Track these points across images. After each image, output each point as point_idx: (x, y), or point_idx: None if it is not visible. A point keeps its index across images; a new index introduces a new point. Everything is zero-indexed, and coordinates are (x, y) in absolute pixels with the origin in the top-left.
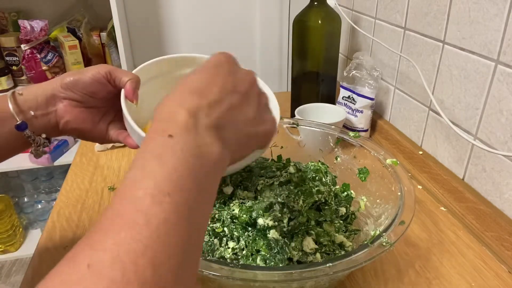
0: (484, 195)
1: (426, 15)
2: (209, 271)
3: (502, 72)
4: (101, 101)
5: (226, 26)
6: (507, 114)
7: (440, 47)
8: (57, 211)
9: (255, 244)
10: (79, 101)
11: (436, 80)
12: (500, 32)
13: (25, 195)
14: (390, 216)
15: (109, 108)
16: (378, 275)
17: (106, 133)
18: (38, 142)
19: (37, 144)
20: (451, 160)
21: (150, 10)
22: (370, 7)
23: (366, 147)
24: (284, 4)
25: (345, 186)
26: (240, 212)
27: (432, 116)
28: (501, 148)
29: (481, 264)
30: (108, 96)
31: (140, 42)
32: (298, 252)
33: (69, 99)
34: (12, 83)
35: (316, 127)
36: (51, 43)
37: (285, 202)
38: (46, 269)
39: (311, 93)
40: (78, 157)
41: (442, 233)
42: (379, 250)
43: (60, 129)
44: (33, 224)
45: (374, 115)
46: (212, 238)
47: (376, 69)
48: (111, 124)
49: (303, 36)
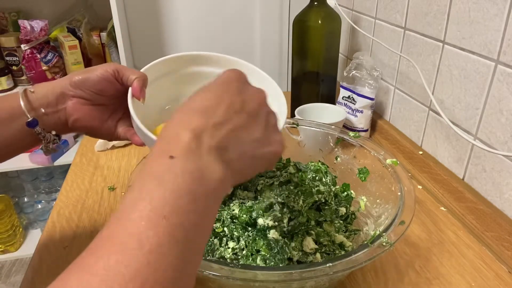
0: (484, 195)
1: (426, 15)
2: (209, 271)
3: (502, 72)
4: (109, 99)
5: (226, 26)
6: (507, 114)
7: (440, 47)
8: (57, 211)
9: (255, 244)
10: (88, 99)
11: (436, 80)
12: (500, 32)
13: (25, 195)
14: (390, 216)
15: (117, 106)
16: (378, 275)
17: (114, 130)
18: (48, 139)
19: (47, 140)
20: (451, 160)
21: (150, 10)
22: (370, 7)
23: (366, 147)
24: (284, 4)
25: (345, 186)
26: (240, 212)
27: (432, 116)
28: (501, 148)
29: (481, 264)
30: (116, 94)
31: (140, 42)
32: (298, 252)
33: (78, 97)
34: (12, 83)
35: (316, 127)
36: (51, 43)
37: (285, 202)
38: (46, 269)
39: (311, 93)
40: (78, 157)
41: (442, 233)
42: (379, 250)
43: (70, 126)
44: (33, 224)
45: (374, 115)
46: (212, 238)
47: (376, 69)
48: (120, 122)
49: (303, 36)
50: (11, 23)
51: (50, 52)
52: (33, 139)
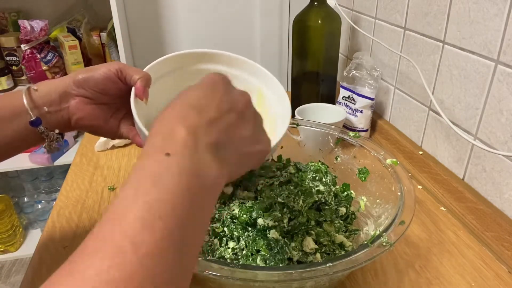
0: (484, 195)
1: (426, 15)
2: (209, 271)
3: (502, 72)
4: (112, 98)
5: (226, 26)
6: (507, 114)
7: (440, 47)
8: (57, 211)
9: (255, 244)
10: (91, 98)
11: (436, 80)
12: (500, 32)
13: (25, 195)
14: (390, 216)
15: (120, 105)
16: (378, 275)
17: (117, 129)
18: (52, 138)
19: (50, 139)
20: (451, 160)
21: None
22: (370, 7)
23: (366, 147)
24: (284, 4)
25: (345, 186)
26: (240, 212)
27: (432, 116)
28: (501, 148)
29: (481, 264)
30: (119, 93)
31: (140, 42)
32: (298, 252)
33: (81, 96)
34: (12, 83)
35: (316, 127)
36: (51, 43)
37: (285, 202)
38: (46, 269)
39: (311, 93)
40: (78, 157)
41: (442, 233)
42: (379, 250)
43: (72, 125)
44: (33, 224)
45: (374, 115)
46: (212, 238)
47: (376, 69)
48: (123, 121)
49: (303, 36)
50: (11, 23)
51: (50, 52)
52: (36, 137)
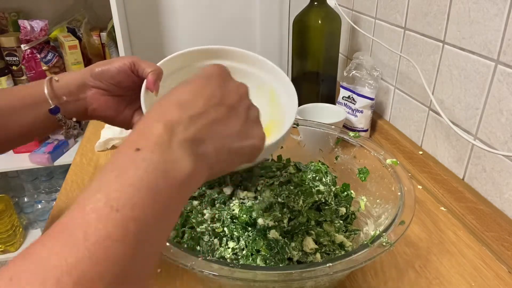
0: (484, 195)
1: (426, 15)
2: (209, 271)
3: (502, 72)
4: (127, 90)
5: (226, 26)
6: (507, 114)
7: (440, 47)
8: (57, 211)
9: (255, 244)
10: (106, 90)
11: (436, 80)
12: (500, 32)
13: (25, 195)
14: (390, 216)
15: (134, 97)
16: (378, 275)
17: (130, 120)
18: (69, 125)
19: (68, 126)
20: (451, 160)
21: (150, 10)
22: (370, 7)
23: (366, 147)
24: (284, 4)
25: (345, 186)
26: (240, 212)
27: (432, 116)
28: (501, 148)
29: (481, 264)
30: (133, 86)
31: (140, 42)
32: (298, 252)
33: (97, 87)
34: (12, 83)
35: (316, 127)
36: (51, 43)
37: (285, 202)
38: None
39: (311, 93)
40: (78, 157)
41: (442, 233)
42: (379, 250)
43: (89, 114)
44: (33, 224)
45: (374, 115)
46: (212, 238)
47: (376, 69)
48: (136, 112)
49: (303, 36)
50: (11, 23)
51: (50, 52)
52: (55, 124)
